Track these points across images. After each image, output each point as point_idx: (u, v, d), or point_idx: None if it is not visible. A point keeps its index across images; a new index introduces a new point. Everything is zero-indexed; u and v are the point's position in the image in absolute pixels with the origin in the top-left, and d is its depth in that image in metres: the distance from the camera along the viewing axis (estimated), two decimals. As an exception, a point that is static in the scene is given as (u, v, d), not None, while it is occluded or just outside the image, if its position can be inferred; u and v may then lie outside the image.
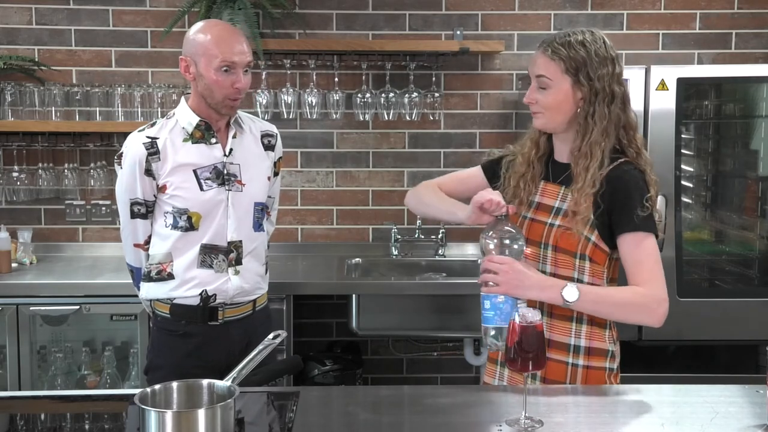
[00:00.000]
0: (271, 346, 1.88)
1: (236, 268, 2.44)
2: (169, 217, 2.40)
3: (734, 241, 3.55)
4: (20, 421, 1.92)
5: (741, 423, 1.76)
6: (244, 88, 2.37)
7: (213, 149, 2.42)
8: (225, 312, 2.44)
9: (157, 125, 2.44)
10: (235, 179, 2.43)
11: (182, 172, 2.38)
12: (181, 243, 2.40)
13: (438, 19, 3.75)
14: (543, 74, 2.03)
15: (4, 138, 3.62)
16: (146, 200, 2.41)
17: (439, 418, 1.80)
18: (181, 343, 2.43)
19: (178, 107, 2.47)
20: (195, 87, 2.39)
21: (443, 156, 3.81)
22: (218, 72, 2.32)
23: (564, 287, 1.96)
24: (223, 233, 2.42)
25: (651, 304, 1.99)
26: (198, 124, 2.41)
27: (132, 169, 2.38)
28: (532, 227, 2.10)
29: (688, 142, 3.42)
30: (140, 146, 2.38)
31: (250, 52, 2.39)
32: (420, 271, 3.67)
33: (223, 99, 2.35)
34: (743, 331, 3.27)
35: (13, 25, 3.67)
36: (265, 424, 1.85)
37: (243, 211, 2.45)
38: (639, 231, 1.99)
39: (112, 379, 3.25)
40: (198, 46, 2.35)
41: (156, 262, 2.44)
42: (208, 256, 2.41)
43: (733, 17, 3.77)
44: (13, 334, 3.14)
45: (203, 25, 2.42)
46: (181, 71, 2.41)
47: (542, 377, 2.06)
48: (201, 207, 2.39)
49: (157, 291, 2.44)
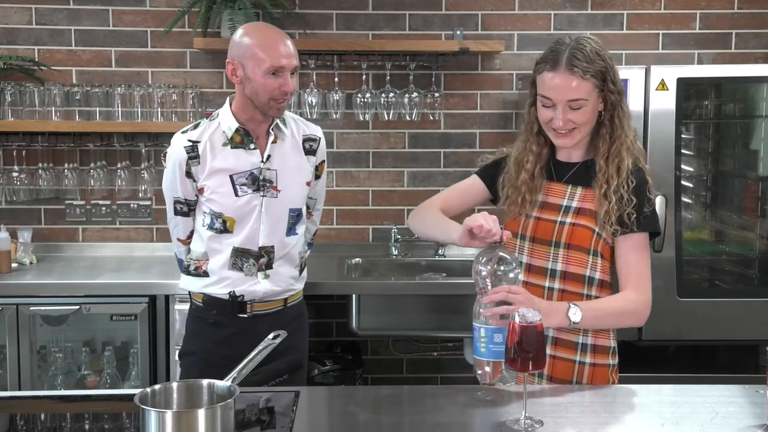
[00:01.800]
0: (271, 346, 1.88)
1: (266, 272, 2.48)
2: (206, 217, 2.46)
3: (734, 241, 3.55)
4: (20, 421, 1.92)
5: (741, 423, 1.76)
6: (291, 91, 2.39)
7: (251, 155, 2.44)
8: (254, 306, 2.49)
9: (200, 128, 2.47)
10: (271, 185, 2.46)
11: (218, 177, 2.42)
12: (216, 243, 2.47)
13: (438, 19, 3.75)
14: (580, 97, 1.98)
15: (4, 138, 3.62)
16: (188, 200, 2.48)
17: (439, 418, 1.80)
18: (211, 331, 2.50)
19: (222, 109, 2.49)
20: (241, 90, 2.41)
21: (443, 156, 3.81)
22: (266, 75, 2.34)
23: (568, 309, 1.96)
24: (255, 238, 2.46)
25: (640, 308, 2.05)
26: (237, 129, 2.43)
27: (173, 171, 2.45)
28: (539, 226, 2.10)
29: (688, 142, 3.42)
30: (181, 149, 2.43)
31: (296, 54, 2.41)
32: (420, 271, 3.67)
33: (269, 101, 2.38)
34: (743, 331, 3.26)
35: (13, 25, 3.67)
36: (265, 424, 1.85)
37: (276, 217, 2.48)
38: (642, 231, 2.05)
39: (112, 379, 3.25)
40: (245, 49, 2.36)
41: (195, 258, 2.52)
42: (239, 259, 2.46)
43: (733, 17, 3.78)
44: (13, 334, 3.14)
45: (249, 28, 2.44)
46: (227, 74, 2.43)
47: (549, 376, 2.08)
48: (235, 212, 2.44)
49: (194, 284, 2.53)
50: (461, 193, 2.31)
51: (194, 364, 2.47)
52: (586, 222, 2.05)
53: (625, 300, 2.04)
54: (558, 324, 1.97)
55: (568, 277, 2.06)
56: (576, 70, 1.97)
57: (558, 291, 2.07)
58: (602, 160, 2.05)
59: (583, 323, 1.97)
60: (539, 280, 2.09)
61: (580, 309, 1.96)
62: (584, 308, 1.97)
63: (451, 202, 2.28)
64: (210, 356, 2.44)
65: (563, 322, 1.96)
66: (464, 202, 2.29)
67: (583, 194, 2.09)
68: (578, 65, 1.97)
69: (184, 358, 2.57)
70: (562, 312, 1.95)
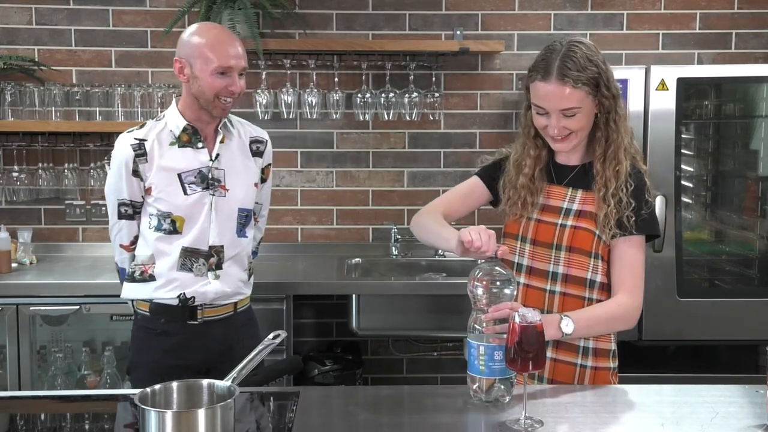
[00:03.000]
0: (271, 346, 1.88)
1: (216, 272, 2.43)
2: (153, 219, 2.41)
3: (734, 241, 3.55)
4: (20, 421, 1.92)
5: (741, 423, 1.76)
6: (238, 92, 2.38)
7: (199, 153, 2.42)
8: (204, 312, 2.43)
9: (146, 127, 2.44)
10: (219, 184, 2.43)
11: (166, 175, 2.39)
12: (164, 245, 2.41)
13: (438, 19, 3.75)
14: (573, 106, 1.97)
15: (4, 138, 3.62)
16: (133, 201, 2.42)
17: (439, 418, 1.80)
18: (160, 341, 2.43)
19: (168, 109, 2.47)
20: (188, 89, 2.39)
21: (443, 156, 3.81)
22: (213, 75, 2.33)
23: (560, 321, 1.95)
24: (204, 237, 2.41)
25: (631, 313, 2.04)
26: (185, 127, 2.41)
27: (119, 170, 2.39)
28: (540, 228, 2.10)
29: (688, 142, 3.42)
30: (128, 147, 2.39)
31: (245, 56, 2.39)
32: (420, 271, 3.67)
33: (215, 100, 2.35)
34: (743, 331, 3.27)
35: (13, 25, 3.67)
36: (265, 425, 1.85)
37: (225, 216, 2.44)
38: (640, 234, 2.05)
39: (112, 379, 3.25)
40: (193, 48, 2.35)
41: (139, 263, 2.45)
42: (189, 260, 2.41)
43: (733, 17, 3.77)
44: (13, 334, 3.14)
45: (199, 27, 2.41)
46: (174, 72, 2.40)
47: (550, 379, 2.07)
48: (184, 211, 2.40)
49: (139, 291, 2.45)
50: (463, 197, 2.28)
51: (144, 377, 2.32)
52: (587, 225, 2.05)
53: (617, 305, 2.03)
54: (551, 337, 1.94)
55: (569, 280, 2.06)
56: (567, 79, 1.95)
57: (559, 294, 2.06)
58: (599, 164, 2.05)
59: (575, 333, 1.97)
60: (540, 283, 2.09)
61: (572, 320, 1.95)
62: (576, 318, 1.97)
63: (453, 207, 2.26)
64: (161, 367, 2.33)
65: (556, 334, 1.95)
66: (466, 205, 2.28)
67: (583, 197, 2.08)
68: (569, 74, 1.95)
69: (133, 372, 2.48)
70: (554, 324, 1.94)
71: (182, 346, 2.41)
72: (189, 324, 2.42)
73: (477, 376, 1.84)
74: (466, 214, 2.30)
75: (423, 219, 2.25)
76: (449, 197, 2.31)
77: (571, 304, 2.04)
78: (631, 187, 2.03)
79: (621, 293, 2.04)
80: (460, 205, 2.27)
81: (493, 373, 1.81)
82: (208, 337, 2.43)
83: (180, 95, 2.46)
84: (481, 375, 1.83)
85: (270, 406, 1.93)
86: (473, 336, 1.85)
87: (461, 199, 2.28)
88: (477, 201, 2.28)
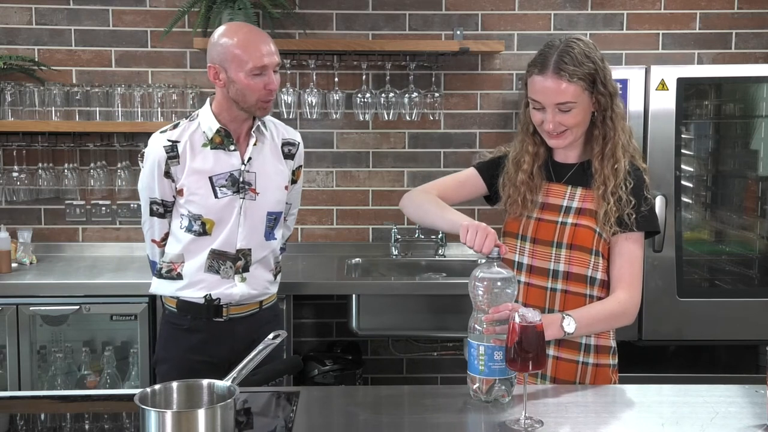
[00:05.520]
0: (271, 346, 1.88)
1: (243, 275, 2.45)
2: (184, 219, 2.42)
3: (734, 241, 3.55)
4: (20, 421, 1.92)
5: (741, 423, 1.76)
6: (276, 89, 2.38)
7: (231, 156, 2.42)
8: (230, 310, 2.45)
9: (180, 127, 2.43)
10: (250, 188, 2.43)
11: (198, 178, 2.39)
12: (193, 246, 2.43)
13: (438, 19, 3.75)
14: (568, 100, 1.98)
15: (4, 138, 3.62)
16: (164, 201, 2.43)
17: (439, 418, 1.80)
18: (186, 337, 2.45)
19: (201, 109, 2.46)
20: (224, 93, 2.38)
21: (443, 156, 3.81)
22: (250, 76, 2.32)
23: (562, 321, 1.96)
24: (233, 240, 2.43)
25: (630, 309, 2.05)
26: (218, 130, 2.41)
27: (151, 170, 2.41)
28: (541, 227, 2.10)
29: (688, 142, 3.42)
30: (161, 148, 2.39)
31: (277, 51, 2.38)
32: (420, 271, 3.67)
33: (256, 102, 2.36)
34: (743, 331, 3.27)
35: (13, 25, 3.67)
36: (265, 425, 1.85)
37: (255, 220, 2.45)
38: (640, 231, 2.06)
39: (112, 379, 3.25)
40: (225, 51, 2.33)
41: (168, 260, 2.47)
42: (216, 262, 2.42)
43: (733, 17, 3.78)
44: (13, 334, 3.14)
45: (227, 29, 2.40)
46: (210, 79, 2.39)
47: (552, 377, 2.08)
48: (214, 214, 2.41)
49: (166, 288, 2.48)
50: (458, 184, 2.27)
51: (170, 372, 2.38)
52: (587, 222, 2.06)
53: (617, 302, 2.04)
54: (553, 337, 1.95)
55: (570, 278, 2.06)
56: (563, 73, 1.97)
57: (560, 292, 2.07)
58: (597, 162, 2.06)
59: (577, 332, 1.97)
60: (541, 281, 2.09)
61: (574, 319, 1.96)
62: (577, 317, 1.97)
63: (447, 192, 2.23)
64: (186, 362, 2.39)
65: (558, 334, 1.95)
66: (460, 193, 2.27)
67: (583, 195, 2.09)
68: (565, 69, 1.97)
69: (159, 365, 2.51)
70: (556, 324, 1.95)
71: (208, 343, 2.44)
72: (215, 321, 2.44)
73: (477, 376, 1.84)
74: (459, 203, 2.24)
75: (420, 198, 2.22)
76: (445, 182, 2.29)
77: (572, 302, 2.05)
78: (630, 185, 2.03)
79: (620, 289, 2.04)
80: (454, 192, 2.25)
81: (493, 374, 1.82)
82: (234, 334, 2.44)
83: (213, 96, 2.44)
84: (481, 375, 1.83)
85: (270, 406, 1.93)
86: (473, 336, 1.85)
87: (456, 185, 2.27)
88: (471, 191, 2.26)
